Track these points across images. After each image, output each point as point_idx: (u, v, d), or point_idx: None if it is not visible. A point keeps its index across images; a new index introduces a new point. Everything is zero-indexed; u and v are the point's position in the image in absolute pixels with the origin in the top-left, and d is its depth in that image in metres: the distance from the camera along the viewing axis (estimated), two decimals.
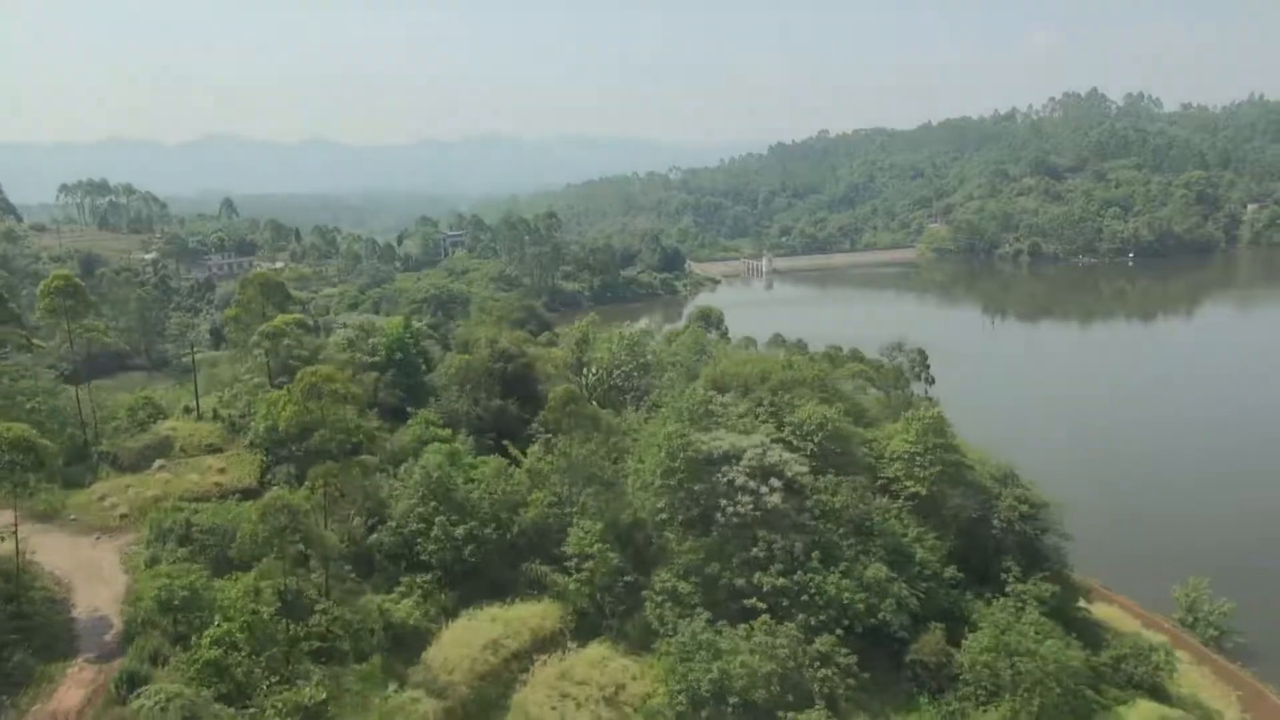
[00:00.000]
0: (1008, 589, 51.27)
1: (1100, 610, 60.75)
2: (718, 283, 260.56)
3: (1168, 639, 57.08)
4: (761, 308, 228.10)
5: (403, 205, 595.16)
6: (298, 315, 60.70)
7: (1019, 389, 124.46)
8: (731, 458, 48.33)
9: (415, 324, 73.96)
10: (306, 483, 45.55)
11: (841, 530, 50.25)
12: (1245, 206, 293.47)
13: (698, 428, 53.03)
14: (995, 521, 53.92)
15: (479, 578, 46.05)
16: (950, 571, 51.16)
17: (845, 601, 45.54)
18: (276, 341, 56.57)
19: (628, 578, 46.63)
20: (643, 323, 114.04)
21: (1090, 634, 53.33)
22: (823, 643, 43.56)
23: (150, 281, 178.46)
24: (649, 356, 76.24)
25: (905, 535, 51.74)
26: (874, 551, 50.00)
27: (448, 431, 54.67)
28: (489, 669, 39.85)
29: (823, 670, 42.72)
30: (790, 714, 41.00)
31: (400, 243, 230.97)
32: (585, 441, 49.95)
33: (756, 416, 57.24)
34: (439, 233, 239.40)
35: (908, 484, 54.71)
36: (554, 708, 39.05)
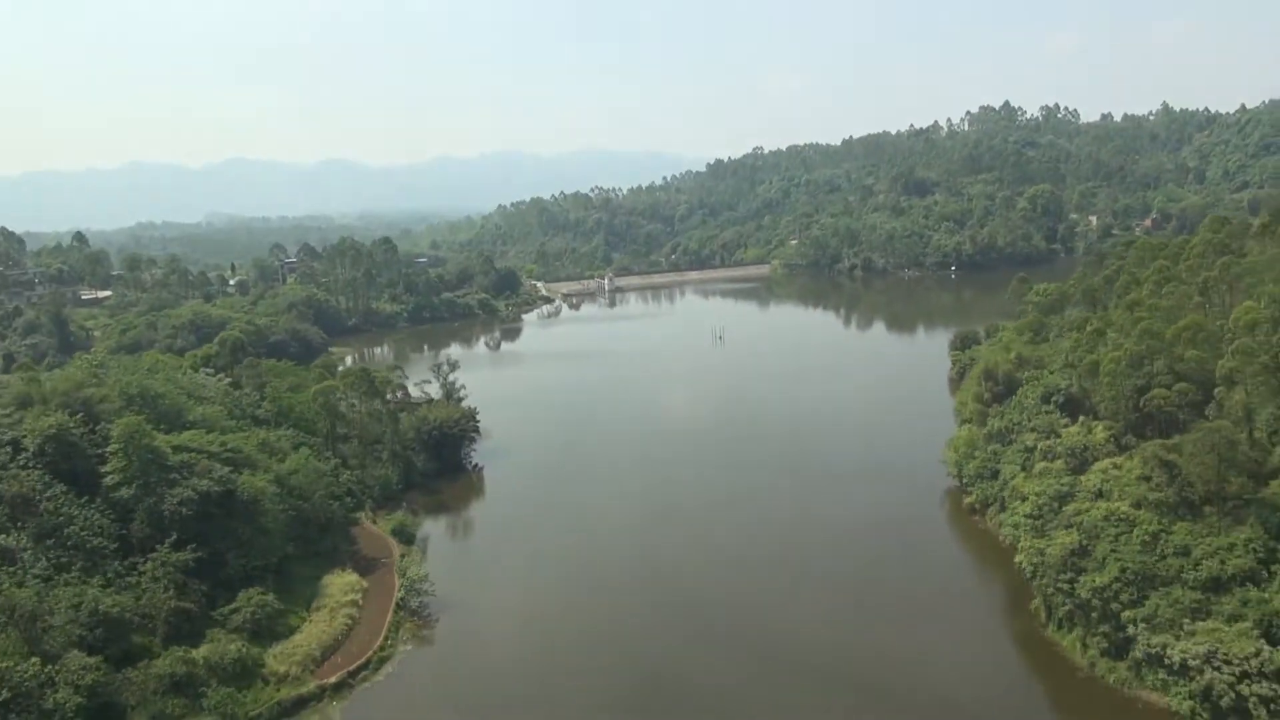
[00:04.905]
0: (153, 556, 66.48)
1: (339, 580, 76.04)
2: (552, 301, 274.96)
3: (362, 598, 72.84)
4: (577, 324, 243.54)
5: (383, 227, 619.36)
6: None
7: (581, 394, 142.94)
8: None
9: None
10: None
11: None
12: (1089, 218, 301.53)
13: None
14: (164, 508, 69.07)
15: None
16: (97, 541, 66.43)
17: None
18: None
19: None
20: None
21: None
22: None
23: None
24: None
25: (65, 514, 67.07)
26: (28, 527, 65.65)
27: None
28: None
29: None
30: None
31: (234, 270, 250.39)
32: None
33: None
34: (280, 258, 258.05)
35: (112, 474, 70.21)
36: None
